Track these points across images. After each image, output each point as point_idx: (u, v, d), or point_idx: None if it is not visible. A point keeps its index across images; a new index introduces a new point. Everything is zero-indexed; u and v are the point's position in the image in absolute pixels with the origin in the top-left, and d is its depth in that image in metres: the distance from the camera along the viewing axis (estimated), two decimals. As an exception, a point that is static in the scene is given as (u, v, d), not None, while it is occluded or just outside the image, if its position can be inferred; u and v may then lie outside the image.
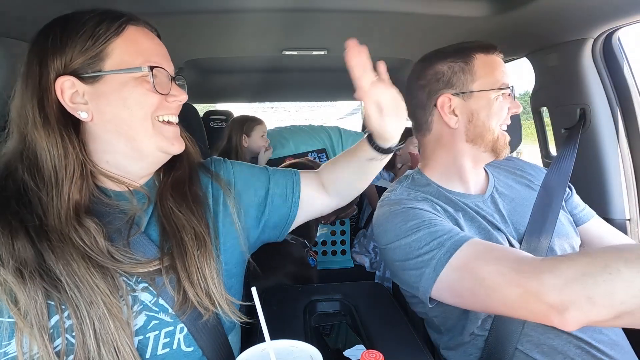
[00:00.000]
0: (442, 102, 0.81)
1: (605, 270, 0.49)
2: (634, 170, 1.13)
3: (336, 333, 0.89)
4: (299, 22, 1.24)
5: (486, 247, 0.65)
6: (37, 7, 0.94)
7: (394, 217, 0.77)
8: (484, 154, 0.84)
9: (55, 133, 0.53)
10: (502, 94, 0.80)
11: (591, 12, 0.98)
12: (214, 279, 0.61)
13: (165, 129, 0.60)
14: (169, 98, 0.60)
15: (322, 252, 1.82)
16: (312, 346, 0.55)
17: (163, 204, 0.63)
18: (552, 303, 0.52)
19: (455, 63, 0.81)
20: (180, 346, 0.59)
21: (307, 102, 9.28)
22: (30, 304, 0.48)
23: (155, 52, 0.59)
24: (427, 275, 0.68)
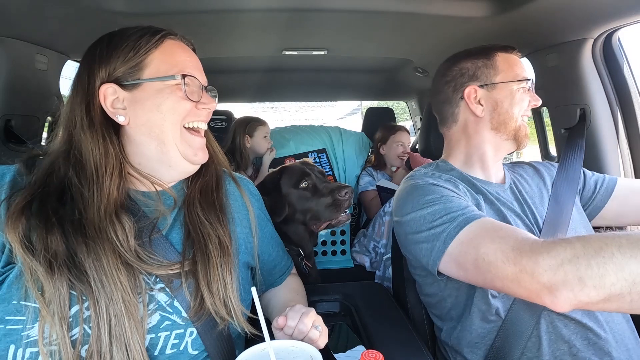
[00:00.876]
0: (469, 92, 0.88)
1: (599, 253, 0.52)
2: (634, 170, 1.13)
3: (336, 333, 0.89)
4: (299, 22, 1.24)
5: (495, 226, 0.68)
6: (38, 7, 0.94)
7: (414, 190, 0.81)
8: (505, 142, 0.88)
9: (98, 134, 0.59)
10: (522, 87, 0.86)
11: (591, 12, 0.98)
12: (233, 289, 0.63)
13: (193, 139, 0.65)
14: (199, 105, 0.64)
15: (322, 252, 1.82)
16: (312, 346, 0.55)
17: (190, 210, 0.66)
18: (545, 283, 0.55)
19: (478, 60, 0.89)
20: (187, 348, 0.60)
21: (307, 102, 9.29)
22: (54, 294, 0.51)
23: (190, 63, 0.64)
24: (437, 248, 0.72)
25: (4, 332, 0.50)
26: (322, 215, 1.20)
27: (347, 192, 1.20)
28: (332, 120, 10.24)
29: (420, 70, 1.89)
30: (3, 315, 0.51)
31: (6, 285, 0.53)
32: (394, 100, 3.48)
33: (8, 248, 0.54)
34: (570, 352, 0.74)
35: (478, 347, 0.81)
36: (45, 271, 0.51)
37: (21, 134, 1.09)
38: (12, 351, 0.50)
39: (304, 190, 1.21)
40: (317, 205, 1.20)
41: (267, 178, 1.29)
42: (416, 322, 0.99)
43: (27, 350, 0.51)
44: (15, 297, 0.52)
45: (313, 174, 1.25)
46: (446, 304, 0.86)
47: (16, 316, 0.51)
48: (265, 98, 3.40)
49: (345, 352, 0.78)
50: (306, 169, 1.26)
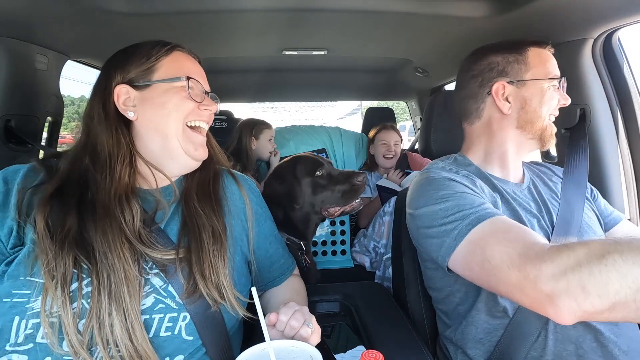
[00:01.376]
0: (497, 89, 0.85)
1: (601, 261, 0.51)
2: (634, 170, 1.13)
3: (336, 333, 0.89)
4: (299, 22, 1.24)
5: (506, 226, 0.67)
6: (38, 7, 0.94)
7: (429, 185, 0.81)
8: (530, 141, 0.86)
9: (111, 127, 0.67)
10: (553, 85, 0.83)
11: (591, 12, 0.98)
12: (225, 274, 0.67)
13: (194, 136, 0.72)
14: (201, 106, 0.72)
15: (322, 252, 1.82)
16: (312, 346, 0.55)
17: (188, 201, 0.72)
18: (547, 292, 0.54)
19: (509, 54, 0.85)
20: (182, 333, 0.63)
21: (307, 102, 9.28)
22: (59, 268, 0.57)
23: (194, 70, 0.73)
24: (447, 245, 0.71)
25: (11, 304, 0.56)
26: (338, 201, 1.25)
27: (363, 178, 1.25)
28: (332, 120, 10.24)
29: (420, 70, 1.89)
30: (10, 290, 0.57)
31: (15, 264, 0.59)
32: (394, 100, 3.48)
33: (15, 231, 0.61)
34: (576, 354, 0.73)
35: (483, 343, 0.80)
36: (57, 247, 0.58)
37: (21, 134, 1.09)
38: (17, 322, 0.56)
39: (320, 178, 1.25)
40: (333, 192, 1.24)
41: (281, 166, 1.32)
42: (416, 322, 0.99)
43: (30, 322, 0.56)
44: (22, 274, 0.58)
45: (325, 163, 1.30)
46: (454, 298, 0.85)
47: (22, 290, 0.57)
48: (265, 98, 3.39)
49: (345, 352, 0.78)
50: (318, 158, 1.31)
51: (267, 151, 1.98)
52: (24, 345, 0.56)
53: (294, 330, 0.61)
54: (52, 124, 1.28)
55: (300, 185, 1.22)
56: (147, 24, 1.16)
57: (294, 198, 1.20)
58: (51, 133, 1.30)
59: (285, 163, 1.31)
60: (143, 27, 1.19)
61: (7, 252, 0.61)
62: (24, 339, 0.56)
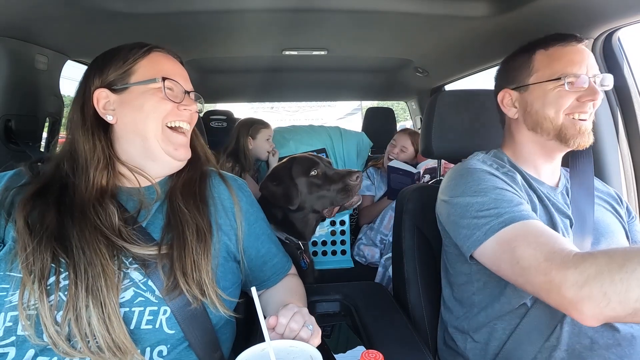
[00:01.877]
0: (501, 97, 0.90)
1: (622, 269, 0.52)
2: (634, 170, 1.13)
3: (336, 333, 0.89)
4: (299, 22, 1.24)
5: (537, 230, 0.68)
6: (38, 7, 0.94)
7: (469, 175, 0.82)
8: (550, 142, 0.85)
9: (88, 131, 0.68)
10: (560, 85, 0.80)
11: (591, 12, 0.98)
12: (207, 272, 0.67)
13: (174, 136, 0.72)
14: (180, 107, 0.71)
15: (322, 252, 1.82)
16: (312, 346, 0.55)
17: (172, 200, 0.72)
18: (570, 298, 0.56)
19: (516, 60, 0.88)
20: (163, 327, 0.63)
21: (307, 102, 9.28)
22: (37, 263, 0.58)
23: (172, 70, 0.72)
24: (475, 238, 0.73)
25: None
26: (334, 200, 1.26)
27: (357, 177, 1.25)
28: (332, 120, 10.22)
29: (420, 70, 1.89)
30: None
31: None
32: (394, 100, 3.48)
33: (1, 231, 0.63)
34: (591, 348, 0.73)
35: (496, 330, 0.80)
36: (36, 243, 0.59)
37: (21, 134, 1.09)
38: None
39: (315, 178, 1.26)
40: (328, 191, 1.25)
41: (277, 167, 1.32)
42: (416, 322, 0.99)
43: (9, 314, 0.57)
44: (2, 269, 0.59)
45: (322, 163, 1.30)
46: (471, 287, 0.85)
47: (1, 285, 0.58)
48: (265, 98, 3.40)
49: (345, 352, 0.78)
50: (315, 158, 1.31)
51: (265, 151, 1.96)
52: (6, 339, 0.57)
53: (294, 332, 0.61)
54: (52, 124, 1.28)
55: (295, 185, 1.23)
56: (147, 24, 1.16)
57: (289, 199, 1.21)
58: (51, 133, 1.30)
59: (282, 164, 1.31)
60: (143, 27, 1.19)
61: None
62: (5, 332, 0.57)
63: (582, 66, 0.80)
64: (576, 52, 0.82)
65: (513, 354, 0.77)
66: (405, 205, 1.06)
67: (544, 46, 0.84)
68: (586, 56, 0.81)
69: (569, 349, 0.74)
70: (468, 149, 1.00)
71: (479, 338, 0.83)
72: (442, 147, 1.06)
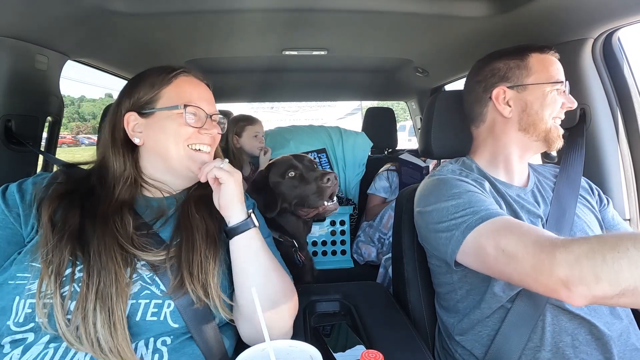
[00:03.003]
0: (497, 93, 0.89)
1: (614, 249, 0.53)
2: (634, 170, 1.13)
3: (336, 333, 0.89)
4: (299, 22, 1.24)
5: (518, 222, 0.70)
6: (38, 7, 0.94)
7: (441, 184, 0.84)
8: (535, 143, 0.88)
9: (118, 151, 0.76)
10: (556, 89, 0.85)
11: (591, 12, 0.98)
12: (214, 275, 0.70)
13: (197, 155, 0.76)
14: (201, 131, 0.76)
15: (322, 252, 1.82)
16: (312, 346, 0.55)
17: (184, 206, 0.77)
18: (561, 277, 0.56)
19: (510, 60, 0.89)
20: (167, 320, 0.66)
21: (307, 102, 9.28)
22: (56, 258, 0.62)
23: (196, 95, 0.77)
24: (456, 238, 0.74)
25: (14, 285, 0.62)
26: (308, 202, 1.25)
27: (329, 179, 1.23)
28: (332, 120, 10.23)
29: (420, 70, 1.89)
30: (15, 273, 0.63)
31: (23, 252, 0.66)
32: (394, 100, 3.48)
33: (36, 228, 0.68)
34: (572, 345, 0.75)
35: (481, 336, 0.82)
36: (57, 239, 0.64)
37: (21, 134, 1.09)
38: (17, 301, 0.61)
39: (292, 179, 1.26)
40: (303, 192, 1.25)
41: (257, 177, 1.34)
42: (416, 322, 0.99)
43: (27, 301, 0.61)
44: (27, 260, 0.64)
45: (301, 164, 1.30)
46: (455, 295, 0.87)
47: (24, 273, 0.63)
48: (265, 98, 3.39)
49: (345, 352, 0.78)
50: (293, 160, 1.31)
51: (255, 148, 1.90)
52: (26, 325, 0.61)
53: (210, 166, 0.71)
54: (52, 124, 1.29)
55: (273, 192, 1.25)
56: (147, 24, 1.16)
57: (268, 206, 1.22)
58: (51, 133, 1.30)
59: (262, 172, 1.34)
60: (143, 27, 1.19)
61: (24, 245, 0.68)
62: (24, 318, 0.61)
63: (563, 76, 0.87)
64: (558, 63, 0.88)
65: (499, 356, 0.78)
66: (405, 205, 1.06)
67: (539, 50, 0.88)
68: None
69: (553, 349, 0.76)
70: (467, 149, 1.01)
71: (465, 344, 0.85)
72: (441, 147, 1.06)
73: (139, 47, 1.37)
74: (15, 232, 0.68)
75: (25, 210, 0.69)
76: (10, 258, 0.66)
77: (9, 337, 0.61)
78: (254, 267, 0.71)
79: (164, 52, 1.47)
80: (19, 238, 0.68)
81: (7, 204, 0.69)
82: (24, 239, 0.68)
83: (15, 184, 0.72)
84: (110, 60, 1.51)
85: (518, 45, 0.91)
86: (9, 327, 0.60)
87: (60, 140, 1.36)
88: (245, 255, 0.71)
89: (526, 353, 0.77)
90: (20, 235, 0.68)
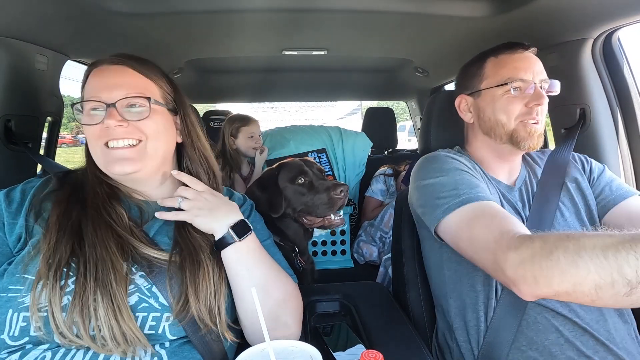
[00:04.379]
0: (458, 102, 0.95)
1: (549, 257, 0.57)
2: (634, 170, 1.13)
3: (336, 333, 0.89)
4: (299, 22, 1.24)
5: (493, 212, 0.72)
6: (38, 7, 0.94)
7: (432, 160, 0.88)
8: (503, 146, 0.88)
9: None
10: (512, 88, 0.83)
11: (591, 12, 0.98)
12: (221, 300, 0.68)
13: (110, 153, 0.68)
14: (102, 127, 0.67)
15: (322, 252, 1.82)
16: (312, 346, 0.55)
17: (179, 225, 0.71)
18: (510, 276, 0.62)
19: (471, 67, 0.93)
20: (165, 332, 0.63)
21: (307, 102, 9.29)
22: (57, 255, 0.61)
23: (95, 87, 0.69)
24: (435, 216, 0.78)
25: (6, 299, 0.59)
26: (316, 211, 1.21)
27: (342, 191, 1.20)
28: (332, 120, 10.24)
29: (420, 70, 1.89)
30: (7, 285, 0.60)
31: (15, 263, 0.63)
32: (394, 100, 3.48)
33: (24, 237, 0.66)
34: (558, 342, 0.76)
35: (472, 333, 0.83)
36: (60, 235, 0.63)
37: (21, 134, 1.09)
38: (10, 314, 0.59)
39: (300, 186, 1.22)
40: (312, 201, 1.21)
41: (265, 174, 1.30)
42: (416, 322, 0.99)
43: (22, 315, 0.59)
44: (19, 271, 0.61)
45: (311, 171, 1.26)
46: (444, 277, 0.89)
47: (16, 285, 0.60)
48: (265, 98, 3.39)
49: (345, 352, 0.78)
50: (304, 165, 1.27)
51: (250, 149, 1.87)
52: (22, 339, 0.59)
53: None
54: (52, 124, 1.28)
55: (280, 193, 1.21)
56: (146, 24, 1.16)
57: (273, 206, 1.18)
58: (51, 133, 1.30)
59: (270, 170, 1.28)
60: (143, 27, 1.19)
61: (13, 255, 0.65)
62: (20, 332, 0.58)
63: (527, 72, 0.84)
64: (523, 59, 0.86)
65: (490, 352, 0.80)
66: (405, 205, 1.06)
67: (495, 54, 0.89)
68: (533, 62, 0.85)
69: (540, 347, 0.77)
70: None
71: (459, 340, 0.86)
72: (441, 146, 1.06)
73: (139, 47, 1.37)
74: (2, 241, 0.66)
75: (10, 219, 0.66)
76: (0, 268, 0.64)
77: (5, 350, 0.59)
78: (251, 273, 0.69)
79: (163, 52, 1.47)
80: (5, 249, 0.66)
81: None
82: (10, 249, 0.66)
83: (3, 192, 0.69)
84: (110, 60, 1.51)
85: (483, 51, 0.91)
86: (5, 341, 0.58)
87: (60, 140, 1.36)
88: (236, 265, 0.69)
89: (513, 352, 0.77)
90: (7, 246, 0.66)
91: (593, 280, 0.52)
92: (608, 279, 0.51)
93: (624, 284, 0.50)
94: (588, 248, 0.54)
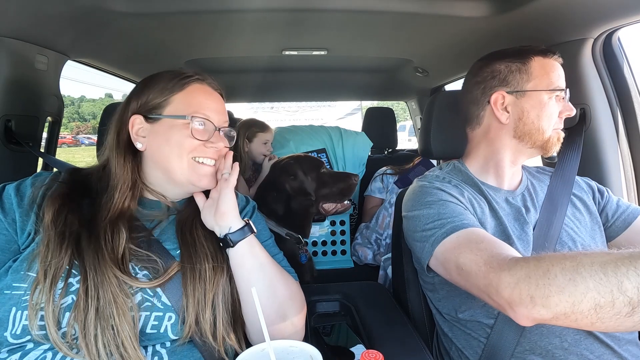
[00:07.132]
0: (496, 98, 0.85)
1: (545, 275, 0.55)
2: (634, 170, 1.13)
3: (336, 333, 0.89)
4: (299, 22, 1.24)
5: (479, 237, 0.71)
6: (38, 7, 0.94)
7: (420, 190, 0.86)
8: (529, 150, 0.87)
9: (120, 155, 0.72)
10: (555, 96, 0.82)
11: (591, 12, 0.98)
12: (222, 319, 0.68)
13: (200, 167, 0.72)
14: (207, 144, 0.71)
15: (322, 252, 1.82)
16: (312, 346, 0.55)
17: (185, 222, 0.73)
18: (506, 298, 0.59)
19: (512, 63, 0.85)
20: (167, 332, 0.64)
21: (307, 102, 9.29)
22: (54, 262, 0.60)
23: (207, 105, 0.72)
24: (426, 249, 0.78)
25: (10, 296, 0.60)
26: (335, 198, 1.43)
27: (356, 178, 1.45)
28: (332, 120, 10.23)
29: (420, 70, 1.89)
30: (12, 282, 0.61)
31: (19, 260, 0.63)
32: (394, 100, 3.48)
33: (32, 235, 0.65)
34: (562, 347, 0.75)
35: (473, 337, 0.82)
36: (58, 240, 0.62)
37: (21, 135, 1.09)
38: (13, 312, 0.59)
39: (324, 175, 1.43)
40: (332, 188, 1.42)
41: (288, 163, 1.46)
42: (416, 322, 0.99)
43: (24, 313, 0.59)
44: (23, 269, 0.61)
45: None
46: (440, 294, 0.89)
47: (20, 283, 0.60)
48: (265, 98, 3.40)
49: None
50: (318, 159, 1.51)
51: (261, 154, 1.93)
52: (24, 337, 0.59)
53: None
54: (52, 124, 1.29)
55: (308, 179, 1.40)
56: (147, 24, 1.16)
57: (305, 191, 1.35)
58: (51, 133, 1.30)
59: (292, 160, 1.45)
60: (143, 27, 1.19)
61: (20, 252, 0.65)
62: (22, 330, 0.58)
63: (563, 81, 0.84)
64: (560, 68, 0.85)
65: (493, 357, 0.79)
66: (405, 205, 1.06)
67: (543, 54, 0.84)
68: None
69: (543, 352, 0.76)
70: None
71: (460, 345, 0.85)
72: (441, 147, 1.06)
73: (139, 47, 1.37)
74: (10, 238, 0.65)
75: (22, 215, 0.66)
76: (5, 265, 0.63)
77: (6, 348, 0.59)
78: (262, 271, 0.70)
79: (164, 52, 1.47)
80: (13, 245, 0.65)
81: (3, 208, 0.65)
82: (19, 246, 0.65)
83: (13, 186, 0.68)
84: (110, 60, 1.51)
85: (521, 46, 0.86)
86: (7, 339, 0.58)
87: (60, 141, 1.36)
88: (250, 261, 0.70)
89: (517, 356, 0.77)
90: (15, 242, 0.65)
91: (593, 299, 0.50)
92: (608, 297, 0.49)
93: (625, 303, 0.48)
94: (586, 265, 0.52)
